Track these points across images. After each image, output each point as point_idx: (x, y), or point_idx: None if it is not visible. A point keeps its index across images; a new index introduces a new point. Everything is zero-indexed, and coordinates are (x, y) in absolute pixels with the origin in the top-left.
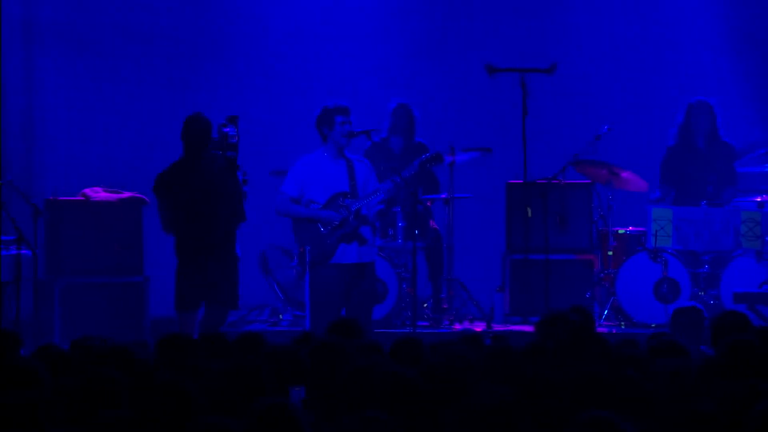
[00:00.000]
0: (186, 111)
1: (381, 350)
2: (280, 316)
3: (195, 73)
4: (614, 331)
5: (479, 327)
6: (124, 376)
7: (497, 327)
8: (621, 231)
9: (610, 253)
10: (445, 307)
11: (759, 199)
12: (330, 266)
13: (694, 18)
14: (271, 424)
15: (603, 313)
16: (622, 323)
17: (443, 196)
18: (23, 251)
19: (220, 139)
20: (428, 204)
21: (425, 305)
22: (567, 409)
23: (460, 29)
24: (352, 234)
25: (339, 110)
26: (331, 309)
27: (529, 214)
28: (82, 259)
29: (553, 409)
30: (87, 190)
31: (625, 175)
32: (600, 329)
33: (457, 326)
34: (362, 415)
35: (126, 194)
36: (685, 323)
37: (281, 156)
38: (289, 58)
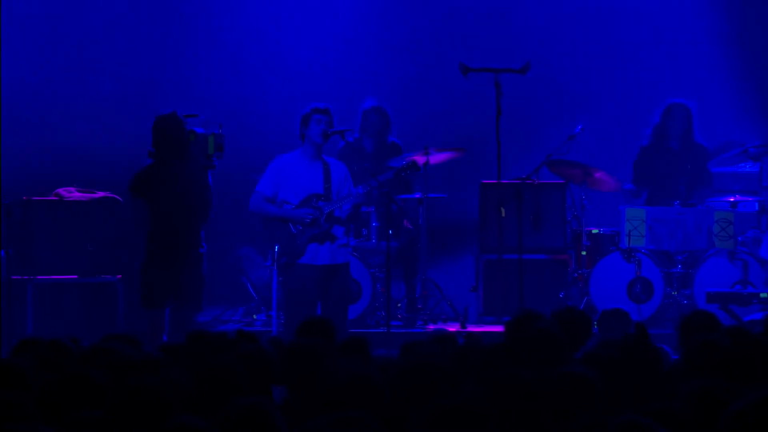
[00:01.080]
0: (158, 110)
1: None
2: (254, 316)
3: (167, 73)
4: None
5: (453, 327)
6: (105, 375)
7: (471, 327)
8: (594, 231)
9: (584, 252)
10: (419, 307)
11: (732, 199)
12: (302, 267)
13: (668, 18)
14: (247, 424)
15: None
16: (595, 323)
17: (417, 195)
18: None
19: (211, 141)
20: (402, 204)
21: (399, 305)
22: (539, 409)
23: (433, 29)
24: (324, 235)
25: (317, 110)
26: (304, 309)
27: (503, 214)
28: (56, 258)
29: (525, 409)
30: (61, 190)
31: (599, 175)
32: None
33: (431, 326)
34: (338, 415)
35: (99, 194)
36: (612, 326)
37: (257, 156)
38: (263, 59)
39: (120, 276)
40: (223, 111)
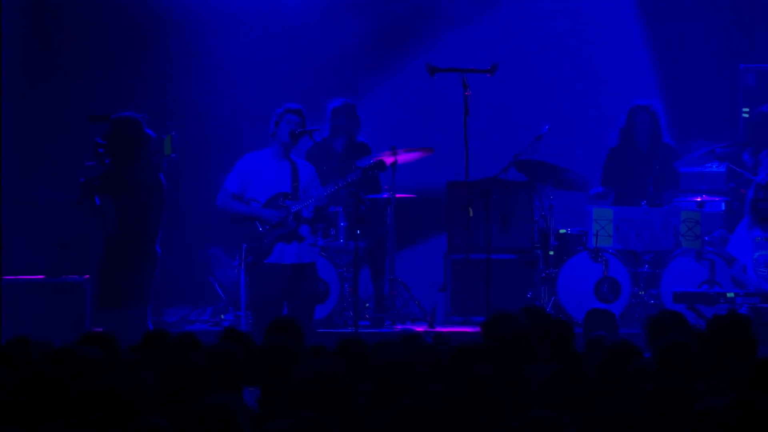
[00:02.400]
0: (122, 111)
1: (325, 351)
2: (222, 316)
3: (132, 74)
4: None
5: (421, 327)
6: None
7: (439, 327)
8: (562, 231)
9: (552, 252)
10: (387, 307)
11: (699, 199)
12: (268, 266)
13: (634, 19)
14: (210, 423)
15: None
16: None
17: (385, 195)
18: None
19: (168, 143)
20: (370, 204)
21: (367, 305)
22: (507, 408)
23: (401, 29)
24: (291, 234)
25: (289, 110)
26: (271, 309)
27: (471, 214)
28: (23, 259)
29: (493, 408)
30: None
31: (566, 175)
32: None
33: (399, 326)
34: (299, 414)
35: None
36: (597, 326)
37: (225, 156)
38: (231, 59)
39: (87, 276)
40: (192, 110)
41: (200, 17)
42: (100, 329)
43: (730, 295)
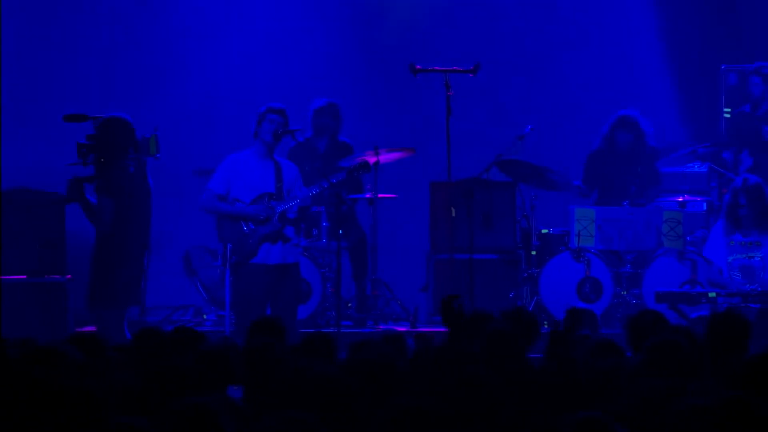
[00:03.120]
0: (106, 110)
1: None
2: (204, 316)
3: (114, 72)
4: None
5: (403, 327)
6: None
7: (421, 327)
8: (544, 231)
9: (534, 252)
10: (369, 307)
11: (681, 199)
12: (253, 266)
13: (617, 19)
14: (191, 423)
15: None
16: (546, 323)
17: (367, 195)
18: None
19: (153, 143)
20: (352, 204)
21: (349, 305)
22: (490, 408)
23: (384, 29)
24: (276, 234)
25: (271, 110)
26: (255, 309)
27: (453, 214)
28: (4, 258)
29: (476, 408)
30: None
31: (549, 175)
32: None
33: (382, 326)
34: (283, 414)
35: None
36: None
37: (204, 155)
38: (211, 58)
39: (69, 276)
40: (173, 110)
41: (183, 19)
42: (92, 328)
43: (712, 295)
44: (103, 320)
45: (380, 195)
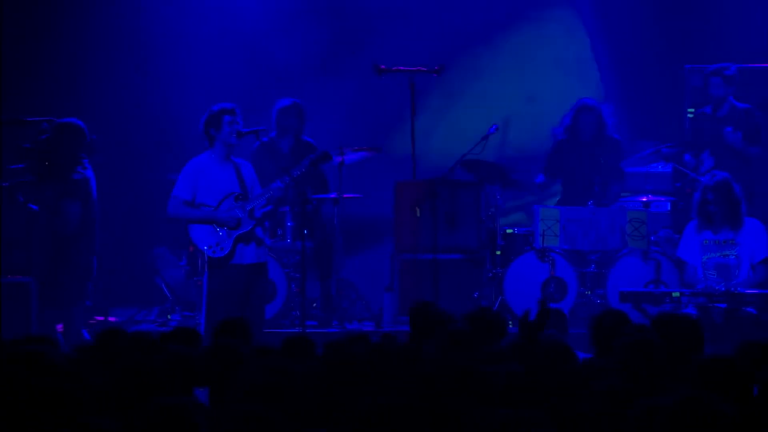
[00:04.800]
0: (71, 114)
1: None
2: (169, 317)
3: (73, 74)
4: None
5: (368, 327)
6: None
7: (387, 327)
8: (509, 230)
9: (499, 252)
10: (334, 307)
11: (645, 199)
12: (229, 267)
13: (581, 19)
14: (166, 424)
15: None
16: (511, 322)
17: (332, 195)
18: None
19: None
20: (317, 204)
21: (314, 305)
22: (454, 406)
23: (349, 29)
24: (249, 234)
25: (226, 111)
26: (231, 309)
27: (418, 214)
28: None
29: (441, 407)
30: None
31: (513, 175)
32: None
33: (347, 326)
34: (245, 408)
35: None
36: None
37: (168, 157)
38: (177, 61)
39: (32, 277)
40: (135, 111)
41: (147, 18)
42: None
43: (676, 294)
44: (71, 320)
45: (345, 195)
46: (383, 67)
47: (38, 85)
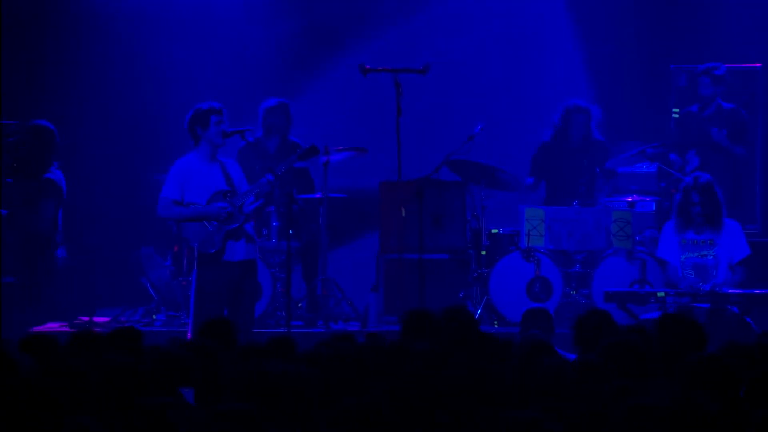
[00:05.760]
0: (45, 116)
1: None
2: (154, 317)
3: (54, 72)
4: (488, 331)
5: (354, 327)
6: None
7: (372, 327)
8: (494, 230)
9: (484, 252)
10: (319, 307)
11: (630, 199)
12: (220, 263)
13: (567, 18)
14: (146, 425)
15: (477, 313)
16: (496, 322)
17: (318, 195)
18: None
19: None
20: (303, 204)
21: (300, 305)
22: (439, 407)
23: (334, 29)
24: (239, 230)
25: (213, 110)
26: (221, 307)
27: (404, 214)
28: None
29: (424, 407)
30: None
31: (499, 174)
32: None
33: (332, 326)
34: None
35: None
36: (535, 322)
37: (154, 157)
38: (160, 60)
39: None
40: (119, 109)
41: (128, 15)
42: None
43: (661, 294)
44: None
45: (331, 195)
46: (369, 66)
47: (19, 87)
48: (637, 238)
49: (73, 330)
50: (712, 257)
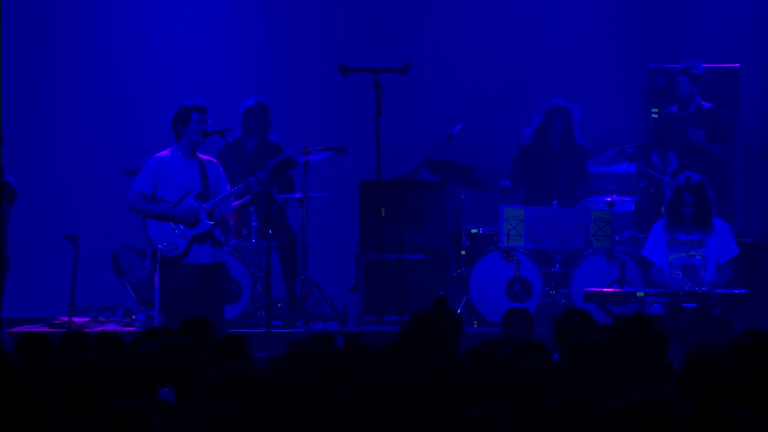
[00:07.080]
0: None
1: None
2: (133, 317)
3: (38, 72)
4: (468, 331)
5: (333, 327)
6: None
7: (351, 327)
8: (474, 230)
9: (463, 252)
10: (299, 307)
11: (609, 199)
12: (183, 266)
13: (545, 18)
14: (124, 426)
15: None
16: (475, 322)
17: (297, 195)
18: None
19: None
20: (283, 203)
21: (279, 305)
22: (421, 407)
23: (313, 28)
24: (206, 234)
25: (196, 108)
26: (185, 309)
27: (383, 214)
28: None
29: (407, 407)
30: None
31: (478, 174)
32: None
33: (312, 326)
34: (213, 411)
35: None
36: (513, 324)
37: (132, 155)
38: (142, 57)
39: None
40: (99, 109)
41: (107, 15)
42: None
43: (640, 294)
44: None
45: (310, 195)
46: (348, 66)
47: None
48: (617, 237)
49: (53, 330)
50: (699, 257)
